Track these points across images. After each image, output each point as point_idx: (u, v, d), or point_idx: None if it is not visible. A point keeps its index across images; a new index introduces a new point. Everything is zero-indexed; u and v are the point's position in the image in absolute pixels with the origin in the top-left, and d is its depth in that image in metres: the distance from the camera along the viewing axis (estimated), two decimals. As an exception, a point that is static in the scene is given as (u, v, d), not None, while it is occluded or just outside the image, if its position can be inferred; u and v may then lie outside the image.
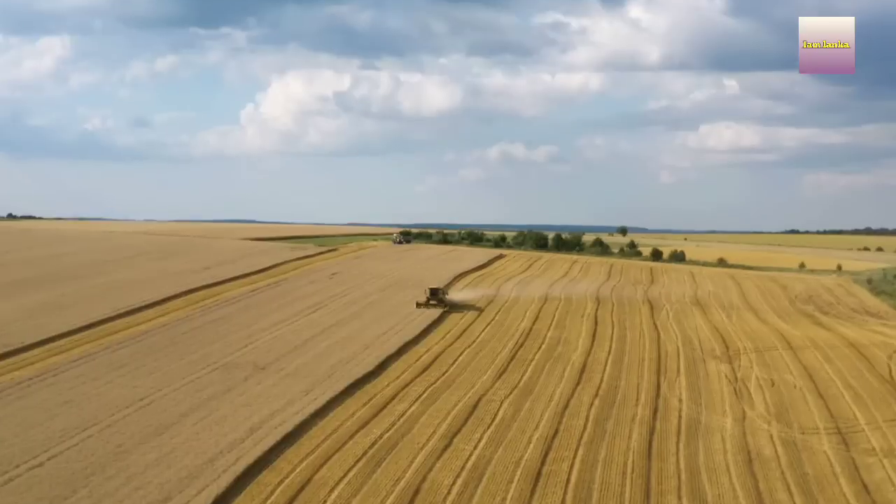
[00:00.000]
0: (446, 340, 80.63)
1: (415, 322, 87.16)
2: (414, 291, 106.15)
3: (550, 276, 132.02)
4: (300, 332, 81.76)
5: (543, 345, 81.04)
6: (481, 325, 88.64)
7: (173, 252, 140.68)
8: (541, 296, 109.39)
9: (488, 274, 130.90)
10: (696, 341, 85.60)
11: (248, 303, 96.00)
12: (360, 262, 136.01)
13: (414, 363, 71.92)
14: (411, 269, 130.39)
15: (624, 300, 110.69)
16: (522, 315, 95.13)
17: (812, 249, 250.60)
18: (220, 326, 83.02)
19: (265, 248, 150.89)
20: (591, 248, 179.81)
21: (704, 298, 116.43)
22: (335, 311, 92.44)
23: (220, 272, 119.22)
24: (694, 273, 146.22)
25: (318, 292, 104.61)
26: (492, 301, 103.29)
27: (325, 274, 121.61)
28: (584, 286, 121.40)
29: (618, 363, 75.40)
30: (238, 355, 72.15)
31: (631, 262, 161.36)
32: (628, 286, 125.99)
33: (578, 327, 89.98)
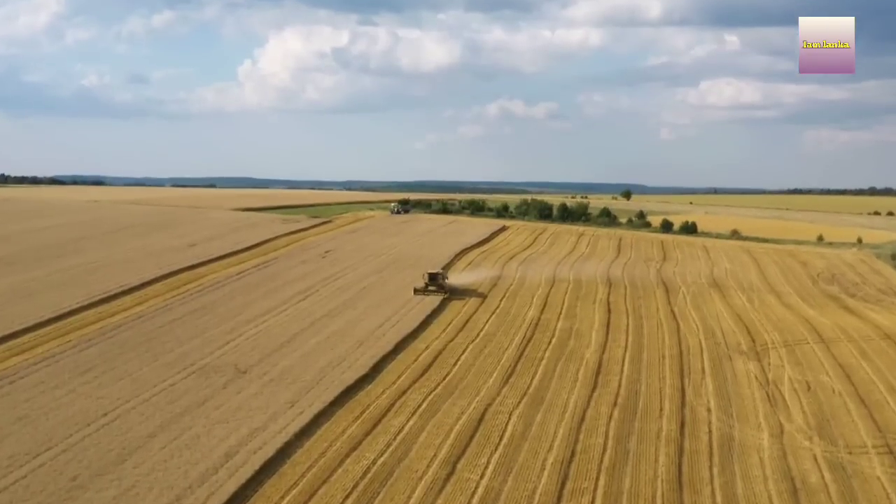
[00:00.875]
0: (447, 334, 73.76)
1: (413, 312, 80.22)
2: (412, 273, 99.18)
3: (557, 252, 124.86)
4: (288, 324, 74.80)
5: (554, 339, 74.15)
6: (485, 314, 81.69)
7: (159, 226, 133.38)
8: (548, 277, 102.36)
9: (491, 250, 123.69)
10: (720, 333, 78.74)
11: (234, 288, 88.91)
12: (356, 237, 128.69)
13: (412, 363, 65.14)
14: (410, 246, 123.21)
15: (637, 281, 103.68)
16: (529, 301, 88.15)
17: (823, 214, 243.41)
18: (201, 318, 76.04)
19: (256, 221, 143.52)
20: (597, 218, 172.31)
21: (722, 278, 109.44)
22: (327, 299, 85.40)
23: (206, 250, 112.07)
24: (707, 247, 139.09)
25: (309, 275, 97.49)
26: (496, 284, 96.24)
27: (317, 252, 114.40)
28: (593, 265, 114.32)
29: (636, 361, 68.54)
30: (218, 355, 65.35)
31: (640, 234, 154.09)
32: (640, 264, 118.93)
33: (591, 316, 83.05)
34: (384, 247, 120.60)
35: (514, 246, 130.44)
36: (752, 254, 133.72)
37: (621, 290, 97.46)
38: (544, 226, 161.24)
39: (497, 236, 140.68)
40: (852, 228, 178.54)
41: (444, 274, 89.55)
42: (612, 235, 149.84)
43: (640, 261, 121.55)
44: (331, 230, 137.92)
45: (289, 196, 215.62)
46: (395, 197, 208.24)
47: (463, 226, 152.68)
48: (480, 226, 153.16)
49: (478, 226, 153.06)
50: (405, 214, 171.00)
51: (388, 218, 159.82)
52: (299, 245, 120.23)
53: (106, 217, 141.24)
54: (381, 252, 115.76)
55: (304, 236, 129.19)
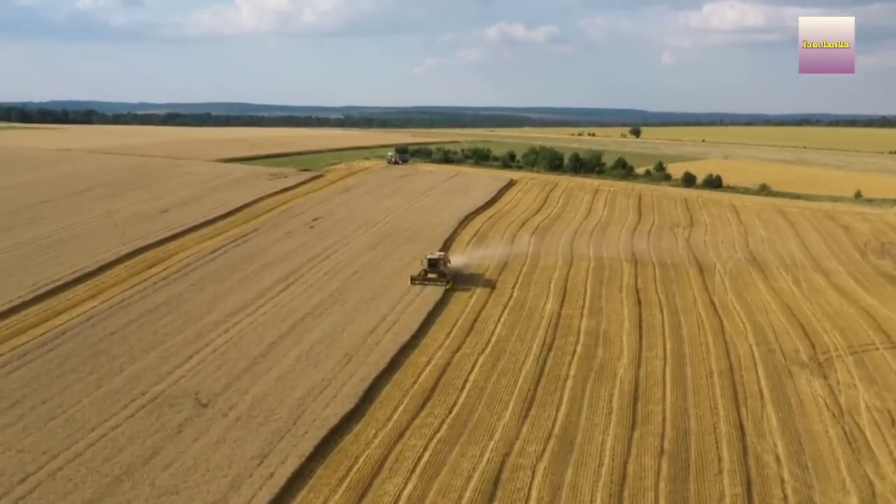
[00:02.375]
0: (452, 340, 62.09)
1: (411, 309, 68.40)
2: (411, 248, 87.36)
3: (572, 217, 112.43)
4: (264, 328, 63.07)
5: (578, 345, 62.47)
6: (496, 308, 69.87)
7: (130, 185, 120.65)
8: (565, 252, 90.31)
9: (499, 215, 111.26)
10: (771, 333, 67.08)
11: (205, 273, 76.89)
12: (348, 199, 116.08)
13: (411, 387, 53.78)
14: (408, 210, 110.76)
15: (666, 257, 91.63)
16: (546, 288, 76.27)
17: (845, 155, 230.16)
18: (163, 319, 64.29)
19: (239, 177, 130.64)
20: (612, 170, 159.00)
21: (759, 251, 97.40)
22: (312, 288, 73.49)
23: (179, 217, 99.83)
24: (736, 206, 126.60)
25: (293, 253, 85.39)
26: (506, 264, 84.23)
27: (304, 219, 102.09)
28: (614, 234, 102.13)
29: (679, 380, 56.98)
30: (177, 377, 53.91)
31: (661, 189, 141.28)
32: (666, 231, 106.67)
33: (618, 310, 71.23)
34: (379, 212, 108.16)
35: (524, 208, 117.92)
36: (787, 215, 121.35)
37: (649, 270, 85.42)
38: (555, 179, 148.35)
39: (504, 194, 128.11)
40: (883, 176, 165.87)
41: (446, 258, 77.18)
42: (631, 192, 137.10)
43: (666, 227, 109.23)
44: (321, 188, 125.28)
45: (278, 142, 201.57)
46: (394, 142, 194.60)
47: (466, 181, 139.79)
48: (485, 180, 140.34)
49: (482, 180, 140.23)
50: (403, 164, 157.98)
51: (385, 171, 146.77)
52: (285, 209, 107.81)
53: (73, 174, 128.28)
54: (376, 219, 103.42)
55: (290, 197, 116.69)
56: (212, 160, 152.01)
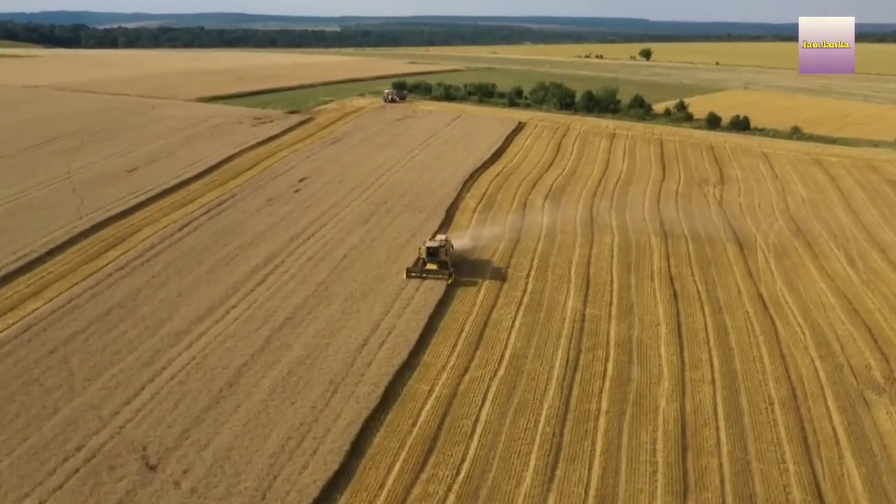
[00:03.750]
0: (458, 360, 51.90)
1: (409, 312, 57.89)
2: (409, 219, 76.67)
3: (589, 172, 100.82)
4: (234, 343, 52.72)
5: (609, 362, 52.17)
6: (508, 309, 59.29)
7: (98, 133, 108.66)
8: (584, 224, 79.33)
9: (507, 170, 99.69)
10: (835, 342, 56.74)
11: (170, 260, 66.11)
12: (339, 153, 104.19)
13: (409, 433, 43.88)
14: (406, 166, 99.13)
15: (698, 226, 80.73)
16: (566, 277, 65.62)
17: (870, 82, 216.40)
18: (114, 329, 54.04)
19: (219, 123, 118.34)
20: (629, 109, 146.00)
21: (802, 216, 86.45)
22: (293, 281, 62.84)
23: (147, 178, 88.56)
24: (768, 155, 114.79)
25: (274, 229, 74.42)
26: (517, 242, 73.38)
27: (289, 180, 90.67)
28: (638, 195, 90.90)
29: (735, 418, 46.95)
30: (122, 419, 44.30)
31: (684, 133, 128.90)
32: (694, 190, 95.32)
33: (652, 308, 60.70)
34: (373, 169, 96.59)
35: (535, 160, 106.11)
36: (825, 166, 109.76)
37: (682, 246, 74.53)
38: (566, 120, 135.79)
39: (512, 141, 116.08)
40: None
41: (447, 244, 65.79)
42: (651, 137, 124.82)
43: (694, 184, 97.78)
44: (309, 136, 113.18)
45: (266, 73, 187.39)
46: (392, 72, 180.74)
47: (470, 124, 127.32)
48: (491, 123, 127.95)
49: (488, 123, 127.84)
50: (401, 102, 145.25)
51: (381, 113, 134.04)
52: (268, 167, 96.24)
53: (36, 121, 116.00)
54: (369, 180, 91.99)
55: (275, 149, 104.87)
56: (192, 100, 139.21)
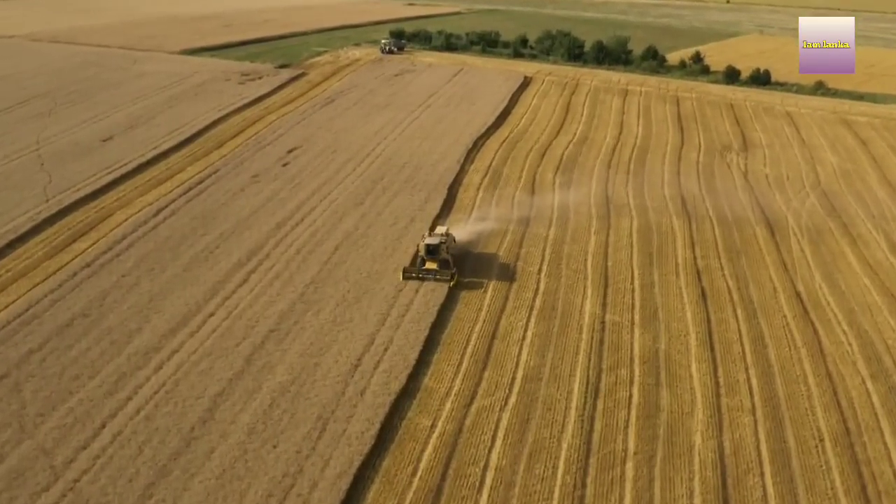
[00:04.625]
0: (464, 384, 45.92)
1: (407, 321, 51.72)
2: (409, 201, 70.32)
3: (602, 138, 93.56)
4: (210, 364, 46.60)
5: (634, 386, 46.20)
6: (519, 315, 53.03)
7: (73, 94, 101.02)
8: (599, 203, 72.85)
9: (514, 136, 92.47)
10: (886, 354, 50.99)
11: (144, 254, 59.62)
12: (332, 117, 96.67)
13: (407, 488, 38.11)
14: (405, 133, 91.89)
15: (724, 205, 74.26)
16: (582, 272, 59.29)
17: (886, 23, 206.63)
18: (74, 346, 47.88)
19: (204, 80, 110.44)
20: (641, 62, 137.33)
21: (835, 191, 79.84)
22: (279, 281, 56.50)
23: (123, 149, 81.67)
24: (792, 115, 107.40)
25: (259, 213, 67.79)
26: (526, 229, 66.69)
27: (277, 151, 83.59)
28: (656, 167, 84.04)
29: (782, 463, 41.18)
30: (75, 473, 38.33)
31: (700, 89, 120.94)
32: (717, 160, 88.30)
33: (679, 312, 54.54)
34: (369, 136, 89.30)
35: (543, 123, 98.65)
36: (854, 128, 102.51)
37: (707, 230, 67.95)
38: (576, 74, 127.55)
39: (518, 100, 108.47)
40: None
41: (449, 239, 58.70)
42: (666, 94, 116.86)
43: (716, 151, 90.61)
44: (300, 95, 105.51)
45: (255, 18, 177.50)
46: (389, 16, 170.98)
47: (473, 80, 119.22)
48: (495, 78, 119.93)
49: (492, 78, 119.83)
50: (399, 54, 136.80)
51: (377, 67, 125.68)
52: (255, 134, 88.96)
53: (6, 80, 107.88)
54: (365, 150, 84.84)
55: (263, 112, 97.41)
56: (176, 52, 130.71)
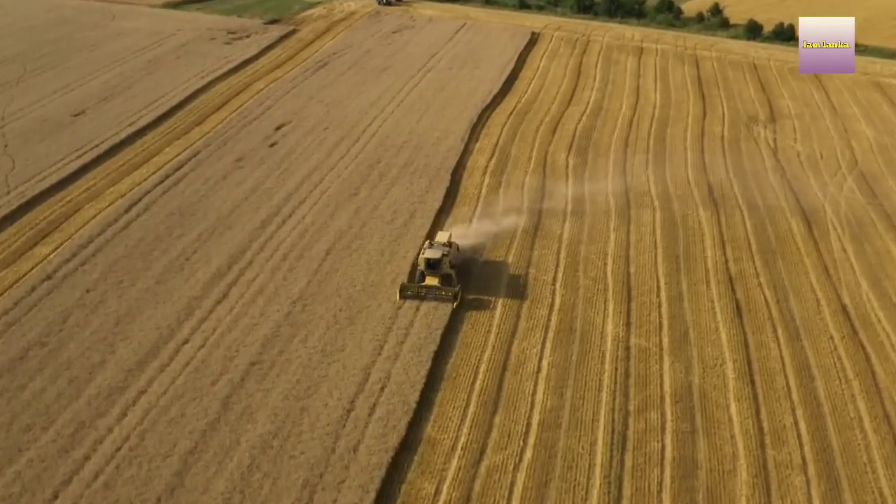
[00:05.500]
0: (472, 433, 40.33)
1: (406, 351, 45.90)
2: (410, 188, 64.16)
3: (618, 108, 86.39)
4: (181, 411, 41.01)
5: (667, 434, 40.59)
6: (532, 339, 47.04)
7: (44, 58, 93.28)
8: (618, 192, 66.43)
9: (522, 107, 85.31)
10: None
11: (112, 261, 53.38)
12: (324, 85, 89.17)
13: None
14: (403, 104, 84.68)
15: (753, 191, 67.89)
16: (602, 283, 53.16)
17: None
18: (22, 394, 42.83)
19: (186, 40, 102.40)
20: (656, 14, 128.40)
21: (874, 172, 73.83)
22: (262, 297, 50.49)
23: (95, 126, 74.79)
24: (821, 78, 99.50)
25: (241, 207, 61.37)
26: (537, 226, 60.27)
27: (265, 127, 76.57)
28: (678, 144, 77.27)
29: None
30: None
31: (720, 46, 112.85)
32: (743, 134, 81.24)
33: (713, 334, 48.64)
34: (365, 109, 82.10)
35: (553, 89, 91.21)
36: (888, 94, 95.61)
37: (738, 225, 61.62)
38: (586, 29, 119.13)
39: (525, 62, 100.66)
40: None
41: (451, 250, 51.99)
42: (684, 53, 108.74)
43: (742, 124, 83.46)
44: (290, 58, 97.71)
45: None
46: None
47: (477, 38, 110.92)
48: (500, 35, 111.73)
49: (497, 35, 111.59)
50: (397, 5, 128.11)
51: (373, 23, 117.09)
52: (241, 108, 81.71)
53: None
54: (361, 125, 77.85)
55: (250, 78, 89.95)
56: (158, 5, 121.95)
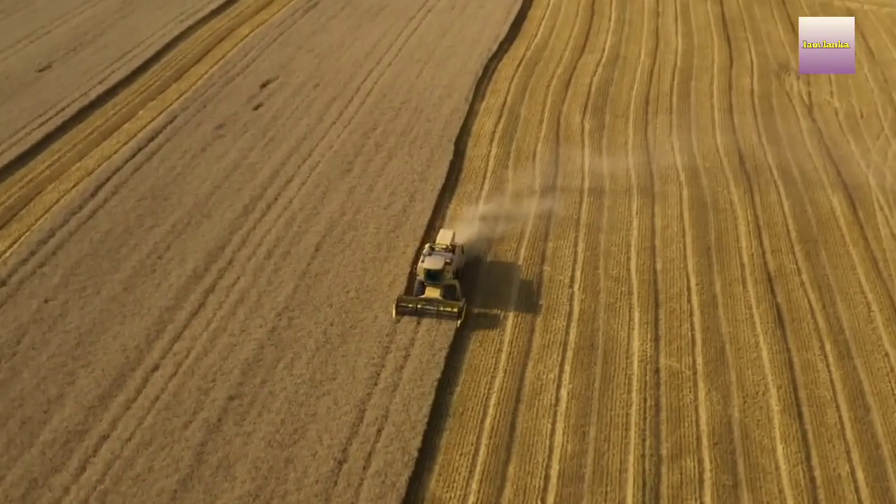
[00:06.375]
0: (484, 489, 34.82)
1: (406, 379, 40.64)
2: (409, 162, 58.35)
3: (636, 56, 78.91)
4: (147, 467, 36.25)
5: (706, 490, 35.61)
6: (549, 362, 41.70)
7: (6, 0, 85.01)
8: (640, 164, 59.91)
9: (532, 56, 77.86)
10: None
11: (72, 264, 47.87)
12: (315, 31, 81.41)
13: None
14: (401, 53, 77.35)
15: (789, 159, 61.15)
16: (626, 284, 47.49)
17: None
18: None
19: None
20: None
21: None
22: (242, 307, 44.97)
23: (62, 83, 68.90)
24: (854, 13, 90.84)
25: (221, 188, 55.22)
26: (551, 214, 54.02)
27: (249, 85, 69.63)
28: (704, 101, 70.42)
29: None
30: None
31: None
32: (775, 85, 73.83)
33: (752, 347, 43.25)
34: (359, 60, 74.78)
35: (565, 34, 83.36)
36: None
37: (776, 208, 55.42)
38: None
39: (533, 2, 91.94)
40: None
41: (457, 254, 45.65)
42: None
43: (772, 74, 76.03)
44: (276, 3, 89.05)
45: None
46: None
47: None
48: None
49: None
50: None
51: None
52: (222, 57, 74.54)
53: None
54: (355, 81, 70.80)
55: (234, 23, 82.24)
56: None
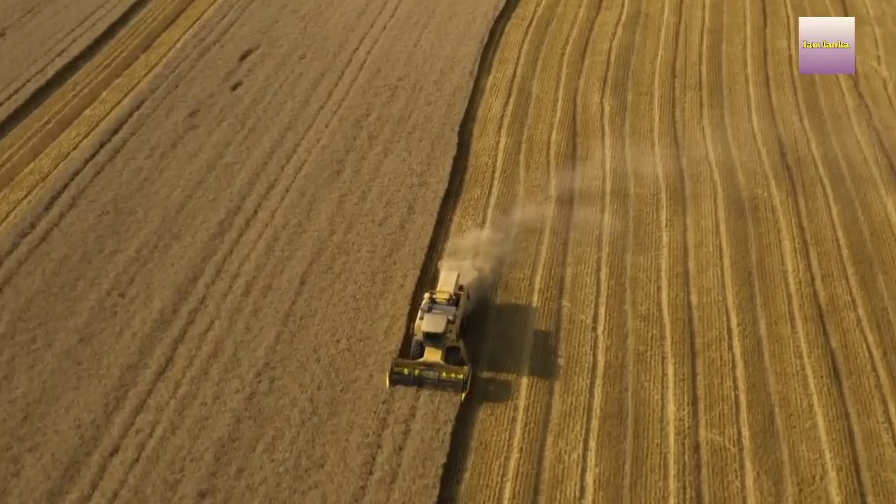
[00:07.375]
0: None
1: (406, 468, 35.04)
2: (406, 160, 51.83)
3: (659, 15, 70.61)
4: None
5: None
6: (572, 440, 36.59)
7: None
8: (669, 162, 53.00)
9: (542, 20, 69.53)
10: None
11: (20, 305, 42.33)
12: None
13: None
14: (398, 13, 69.27)
15: (837, 155, 54.14)
16: (658, 328, 41.50)
17: None
18: None
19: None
20: None
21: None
22: (212, 370, 39.34)
23: (14, 61, 62.28)
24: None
25: (193, 198, 48.84)
26: (568, 228, 47.43)
27: (225, 58, 62.31)
28: (737, 75, 62.59)
29: None
30: None
31: None
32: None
33: (805, 413, 37.84)
34: (350, 25, 67.07)
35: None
36: None
37: (824, 220, 48.77)
38: None
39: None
40: None
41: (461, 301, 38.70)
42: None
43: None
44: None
45: None
46: None
47: None
48: None
49: None
50: None
51: None
52: (196, 20, 67.17)
53: None
54: (345, 52, 63.32)
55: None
56: None
